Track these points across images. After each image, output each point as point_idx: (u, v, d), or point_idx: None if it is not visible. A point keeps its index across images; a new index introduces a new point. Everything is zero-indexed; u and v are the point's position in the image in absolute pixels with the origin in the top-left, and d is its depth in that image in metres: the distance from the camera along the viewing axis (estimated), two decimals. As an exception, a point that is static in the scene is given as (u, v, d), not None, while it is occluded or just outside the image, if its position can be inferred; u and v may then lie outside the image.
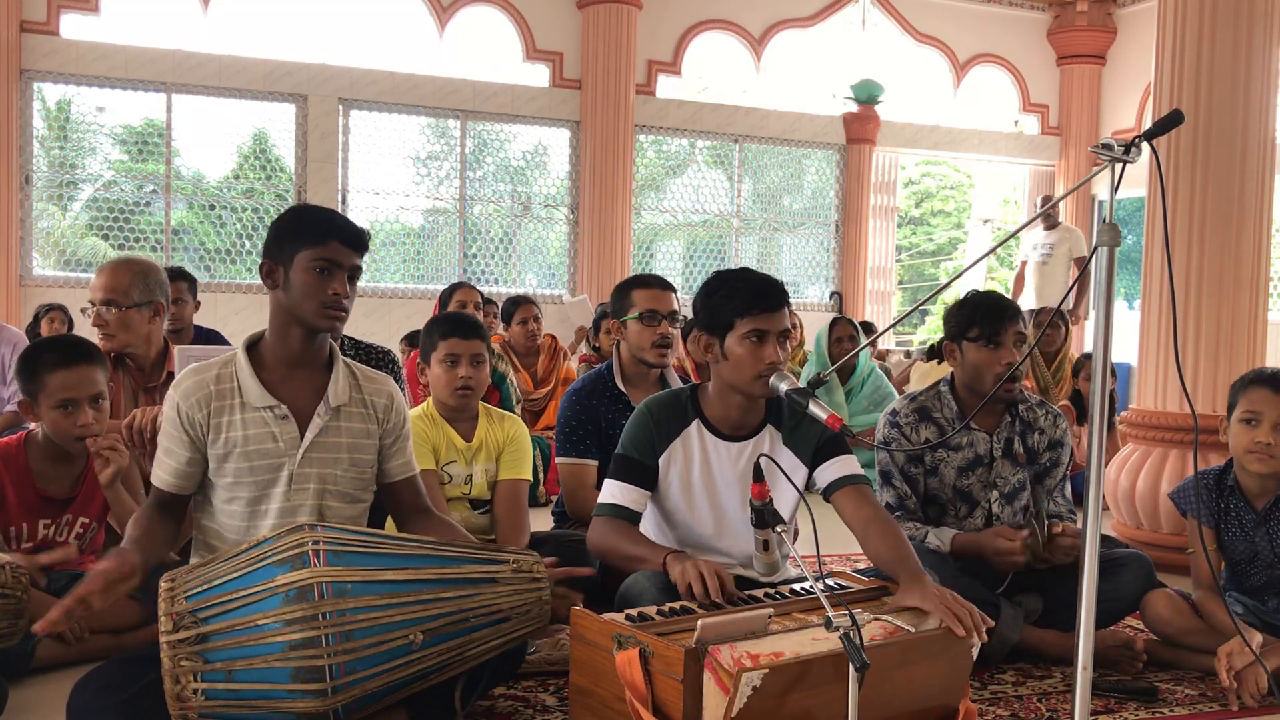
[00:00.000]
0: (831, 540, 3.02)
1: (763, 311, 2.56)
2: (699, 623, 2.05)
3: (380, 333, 8.73)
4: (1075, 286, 8.87)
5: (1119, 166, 2.01)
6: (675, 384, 3.48)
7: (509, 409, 4.59)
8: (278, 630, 1.95)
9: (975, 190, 20.58)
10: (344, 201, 9.49)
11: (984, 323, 3.08)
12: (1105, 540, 3.62)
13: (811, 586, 2.13)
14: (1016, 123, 12.16)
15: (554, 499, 4.32)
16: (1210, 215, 4.22)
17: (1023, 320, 3.15)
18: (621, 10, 9.84)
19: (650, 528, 2.78)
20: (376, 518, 2.85)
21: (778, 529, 2.32)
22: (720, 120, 10.81)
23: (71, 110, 9.28)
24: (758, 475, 2.30)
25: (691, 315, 2.75)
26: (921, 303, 3.16)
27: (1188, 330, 4.25)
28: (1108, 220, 2.00)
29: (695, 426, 2.71)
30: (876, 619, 2.26)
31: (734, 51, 10.99)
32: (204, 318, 4.69)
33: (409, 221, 10.34)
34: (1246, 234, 4.23)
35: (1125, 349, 6.58)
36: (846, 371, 6.10)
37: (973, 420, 3.14)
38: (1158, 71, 4.42)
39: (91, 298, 3.35)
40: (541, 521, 3.99)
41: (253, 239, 9.43)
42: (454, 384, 3.22)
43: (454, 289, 5.99)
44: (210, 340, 4.20)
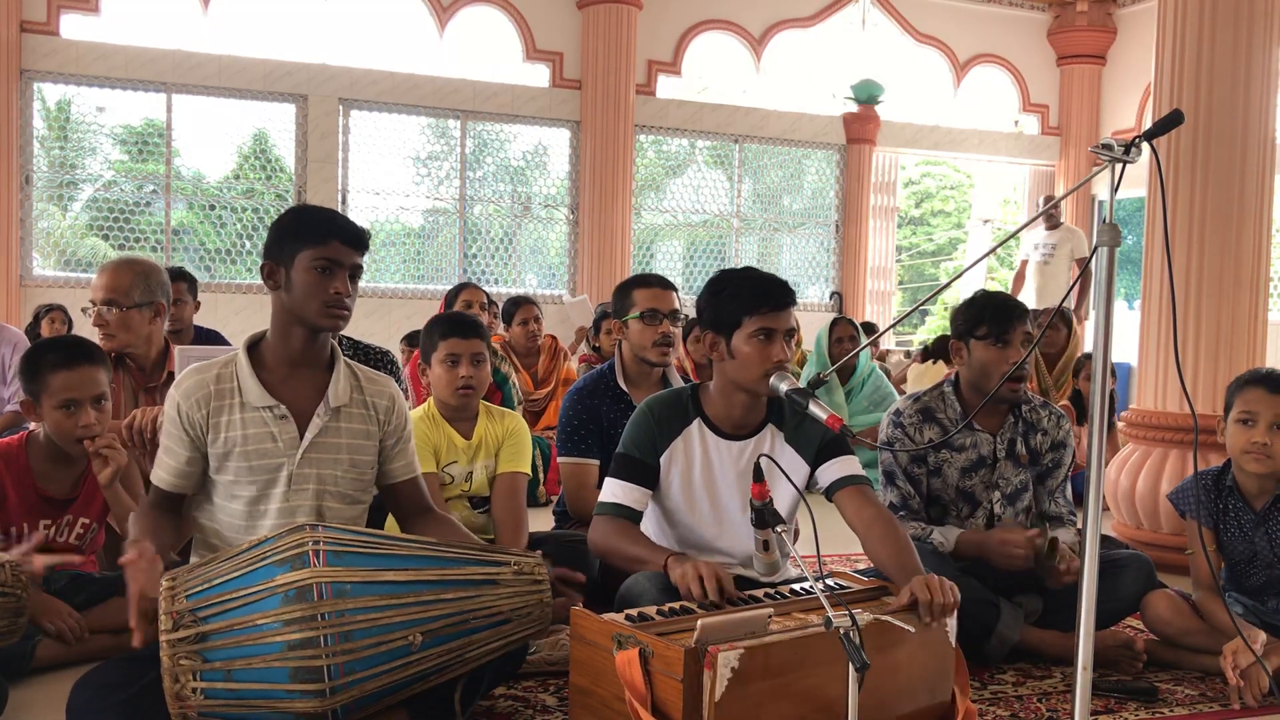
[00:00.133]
0: (832, 540, 3.02)
1: (770, 310, 2.58)
2: (699, 623, 2.05)
3: (380, 333, 8.73)
4: (1077, 287, 8.87)
5: (1119, 166, 2.01)
6: (677, 383, 3.48)
7: (511, 410, 4.58)
8: (277, 630, 1.95)
9: (975, 190, 20.57)
10: (344, 202, 9.48)
11: (993, 321, 3.08)
12: (1105, 541, 3.62)
13: (811, 586, 2.14)
14: (1016, 123, 12.15)
15: (554, 499, 4.32)
16: (1210, 215, 4.22)
17: (1030, 320, 3.16)
18: (621, 10, 9.83)
19: (651, 527, 2.78)
20: (377, 518, 2.85)
21: (777, 529, 2.32)
22: (720, 120, 10.81)
23: (71, 110, 9.28)
24: (757, 475, 2.31)
25: (693, 315, 2.76)
26: (921, 303, 3.15)
27: (1188, 330, 4.25)
28: (1108, 220, 2.00)
29: (696, 425, 2.71)
30: (876, 619, 2.25)
31: (734, 51, 10.99)
32: (204, 318, 4.69)
33: (409, 221, 10.34)
34: (1246, 234, 4.23)
35: (1125, 349, 6.58)
36: (847, 372, 6.11)
37: (976, 421, 3.14)
38: (1158, 71, 4.42)
39: (92, 297, 3.35)
40: (541, 521, 3.99)
41: (253, 239, 9.42)
42: (455, 384, 3.23)
43: (460, 289, 5.98)
44: (210, 340, 4.19)
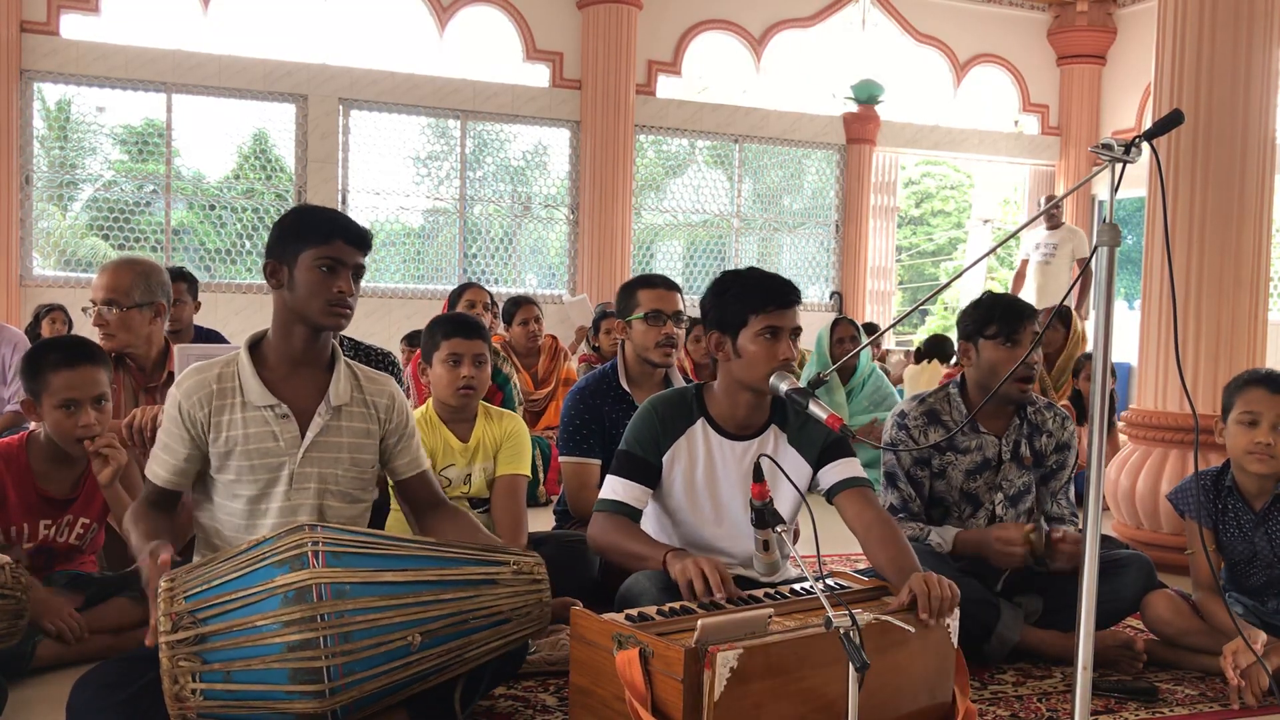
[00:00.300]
0: (832, 540, 3.02)
1: (776, 309, 2.58)
2: (699, 623, 2.04)
3: (380, 333, 8.73)
4: (1077, 287, 8.87)
5: (1119, 166, 2.00)
6: (679, 384, 3.48)
7: (512, 410, 4.58)
8: (276, 631, 1.95)
9: (975, 190, 20.58)
10: (344, 201, 9.48)
11: (1002, 321, 3.08)
12: (1106, 541, 3.62)
13: (811, 586, 2.13)
14: (1016, 123, 12.15)
15: (554, 499, 4.32)
16: (1210, 215, 4.22)
17: (1038, 321, 3.16)
18: (621, 10, 9.84)
19: (652, 526, 2.78)
20: (377, 518, 2.85)
21: (778, 529, 2.32)
22: (720, 120, 10.81)
23: (71, 110, 9.28)
24: (758, 475, 2.31)
25: (695, 315, 2.76)
26: (921, 303, 3.15)
27: (1188, 330, 4.25)
28: (1108, 220, 2.00)
29: (700, 425, 2.71)
30: (876, 619, 2.25)
31: (734, 51, 10.99)
32: (204, 318, 4.68)
33: (409, 221, 10.34)
34: (1246, 234, 4.23)
35: (1125, 349, 6.58)
36: (847, 372, 6.11)
37: (982, 424, 3.13)
38: (1158, 71, 4.42)
39: (93, 297, 3.35)
40: (541, 521, 3.99)
41: (253, 239, 9.43)
42: (456, 384, 3.22)
43: (463, 289, 5.95)
44: (210, 340, 4.19)
